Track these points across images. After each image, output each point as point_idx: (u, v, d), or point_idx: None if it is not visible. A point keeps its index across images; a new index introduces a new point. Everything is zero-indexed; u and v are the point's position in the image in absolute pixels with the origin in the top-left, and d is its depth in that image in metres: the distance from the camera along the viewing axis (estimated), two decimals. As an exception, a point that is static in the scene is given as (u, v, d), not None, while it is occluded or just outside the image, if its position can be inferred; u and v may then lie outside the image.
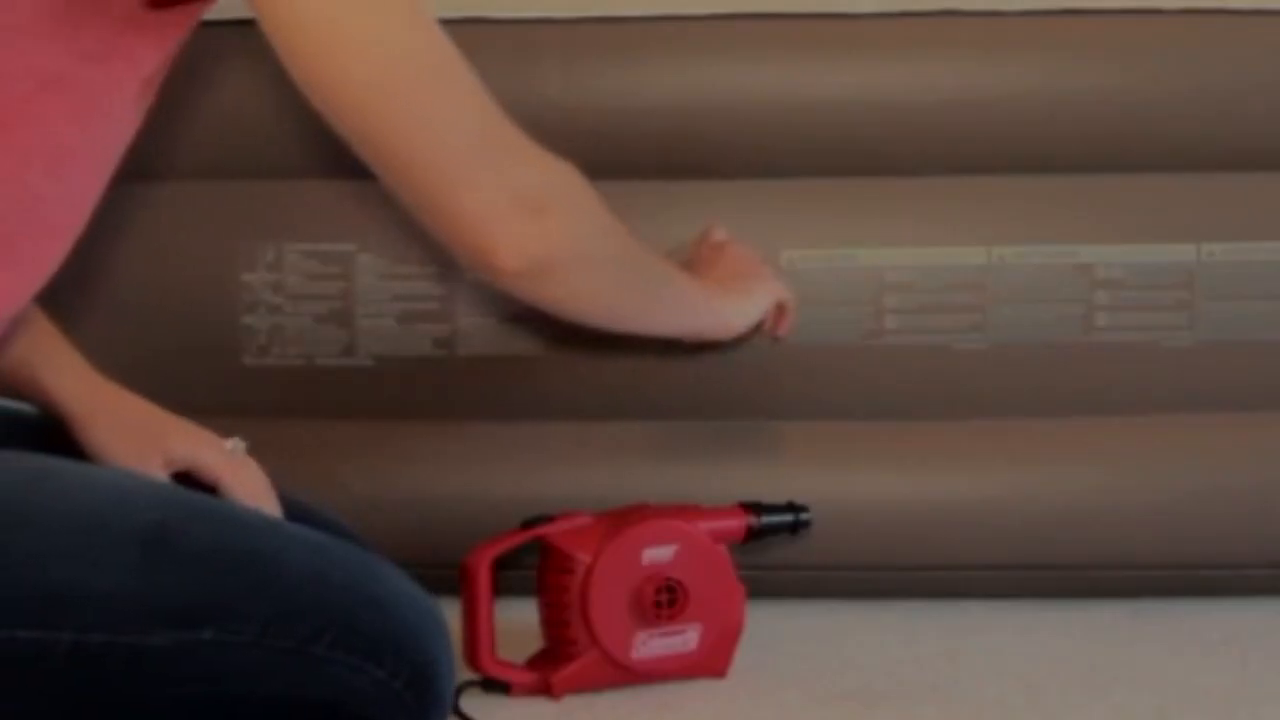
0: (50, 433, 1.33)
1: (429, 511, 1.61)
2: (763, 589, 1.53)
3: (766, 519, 1.47)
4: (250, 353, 1.63)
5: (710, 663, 1.45)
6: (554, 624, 1.43)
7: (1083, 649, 1.53)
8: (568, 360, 1.62)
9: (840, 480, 1.62)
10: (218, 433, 1.38)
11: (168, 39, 1.18)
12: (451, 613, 1.32)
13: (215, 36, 1.38)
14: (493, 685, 1.41)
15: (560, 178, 1.24)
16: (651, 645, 1.42)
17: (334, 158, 1.57)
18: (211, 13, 1.21)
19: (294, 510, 1.35)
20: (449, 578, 1.41)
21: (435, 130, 1.16)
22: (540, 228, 1.21)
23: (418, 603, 1.23)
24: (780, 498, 1.49)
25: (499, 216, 1.19)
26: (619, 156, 1.58)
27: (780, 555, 1.60)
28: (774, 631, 1.55)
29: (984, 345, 1.63)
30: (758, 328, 1.52)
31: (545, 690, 1.41)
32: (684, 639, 1.43)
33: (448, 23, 1.56)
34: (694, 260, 1.54)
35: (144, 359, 1.62)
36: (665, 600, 1.41)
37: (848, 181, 1.61)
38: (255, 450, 1.55)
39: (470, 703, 1.38)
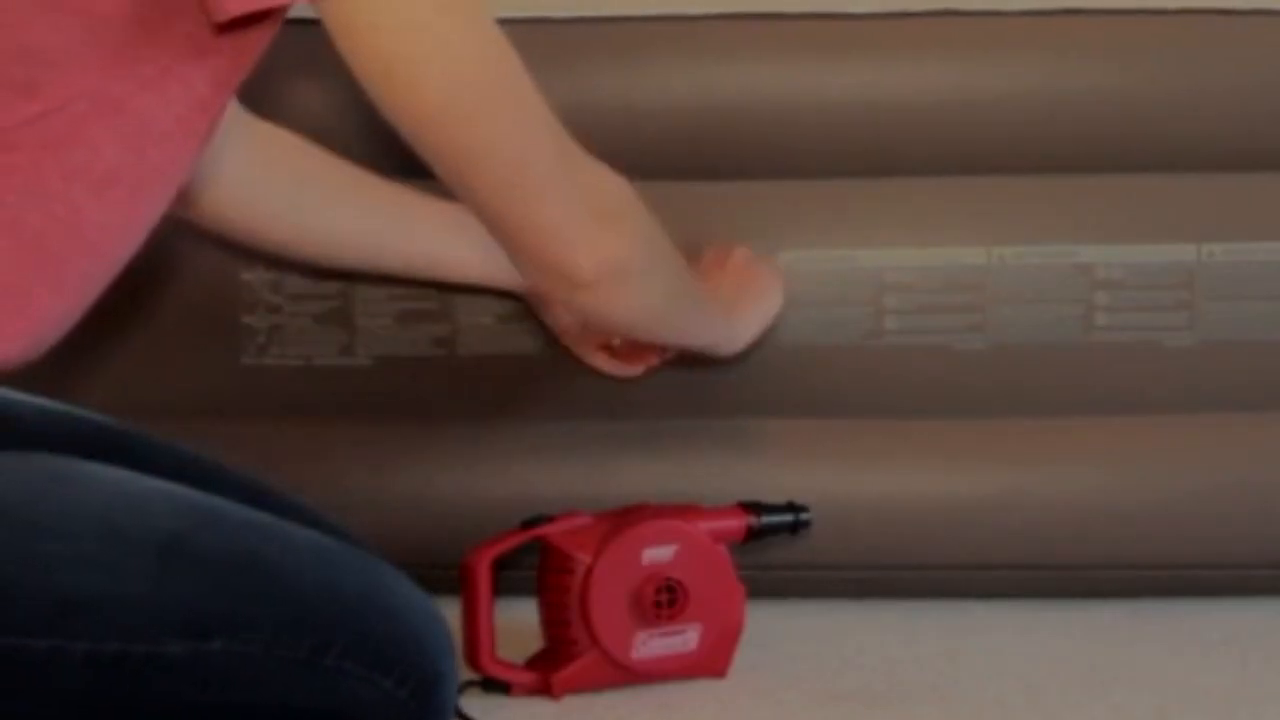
0: (52, 434, 1.33)
1: (429, 511, 1.61)
2: (763, 589, 1.52)
3: (766, 519, 1.47)
4: (249, 353, 1.63)
5: (710, 663, 1.44)
6: (554, 624, 1.43)
7: (1083, 649, 1.53)
8: (568, 360, 1.61)
9: (840, 480, 1.62)
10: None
11: (224, 69, 1.17)
12: (451, 613, 1.31)
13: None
14: (493, 685, 1.41)
15: (621, 185, 1.26)
16: (651, 645, 1.42)
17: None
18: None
19: (295, 512, 1.34)
20: (449, 578, 1.41)
21: (515, 146, 1.17)
22: (616, 233, 1.23)
23: (425, 611, 1.23)
24: (780, 498, 1.49)
25: (578, 225, 1.21)
26: (618, 158, 1.57)
27: (780, 555, 1.60)
28: (774, 631, 1.55)
29: (984, 345, 1.63)
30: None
31: (545, 690, 1.41)
32: (684, 639, 1.43)
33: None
34: (699, 266, 1.54)
35: (144, 358, 1.62)
36: (665, 600, 1.41)
37: (847, 182, 1.61)
38: (254, 450, 1.55)
39: (470, 703, 1.38)
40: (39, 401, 1.36)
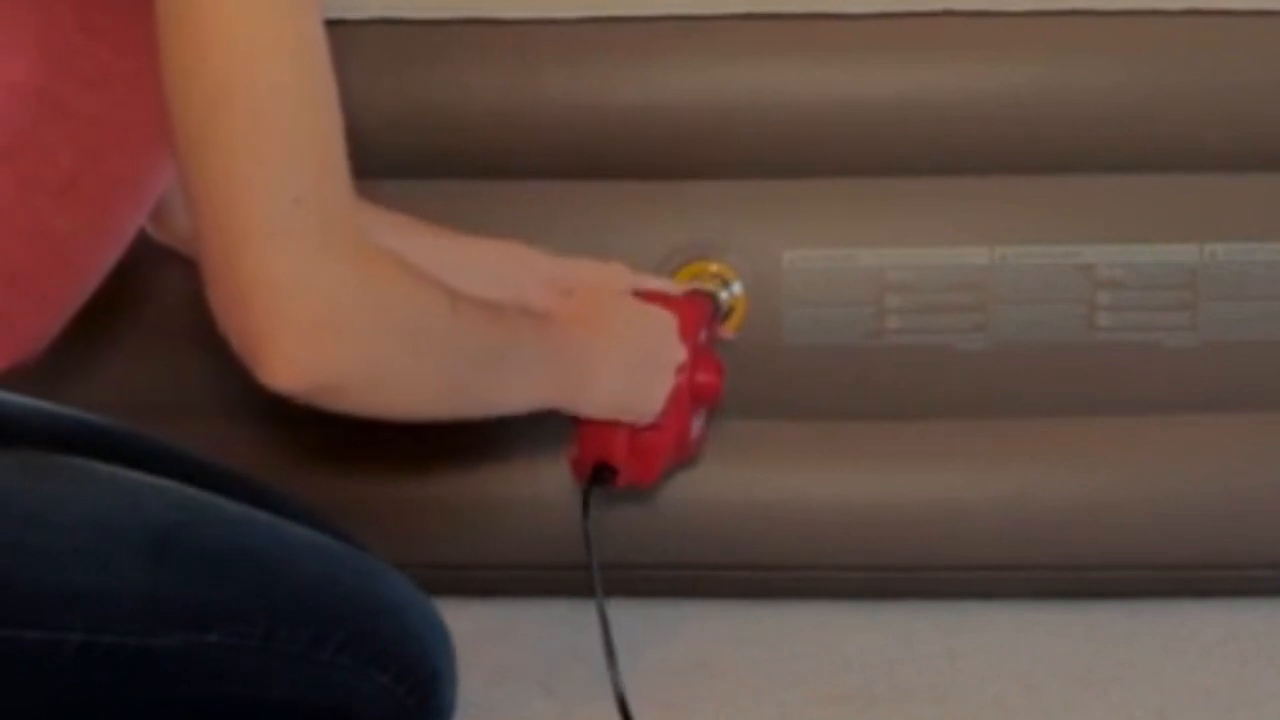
0: (45, 434, 1.34)
1: (429, 512, 1.61)
2: (763, 589, 1.53)
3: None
4: (252, 353, 1.63)
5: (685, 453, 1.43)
6: None
7: (1082, 649, 1.53)
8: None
9: (841, 480, 1.62)
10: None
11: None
12: (451, 613, 1.31)
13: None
14: (601, 476, 1.35)
15: (376, 284, 1.05)
16: (696, 425, 1.41)
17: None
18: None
19: (295, 512, 1.35)
20: (449, 578, 1.42)
21: (262, 158, 1.00)
22: (333, 348, 1.03)
23: (423, 609, 1.23)
24: (780, 497, 1.49)
25: (289, 314, 1.01)
26: (619, 157, 1.58)
27: (781, 556, 1.60)
28: (774, 631, 1.55)
29: (986, 345, 1.63)
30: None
31: (643, 479, 1.37)
32: (699, 424, 1.43)
33: (447, 23, 1.58)
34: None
35: (144, 358, 1.62)
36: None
37: (848, 181, 1.61)
38: (254, 450, 1.55)
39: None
40: (28, 401, 1.37)
